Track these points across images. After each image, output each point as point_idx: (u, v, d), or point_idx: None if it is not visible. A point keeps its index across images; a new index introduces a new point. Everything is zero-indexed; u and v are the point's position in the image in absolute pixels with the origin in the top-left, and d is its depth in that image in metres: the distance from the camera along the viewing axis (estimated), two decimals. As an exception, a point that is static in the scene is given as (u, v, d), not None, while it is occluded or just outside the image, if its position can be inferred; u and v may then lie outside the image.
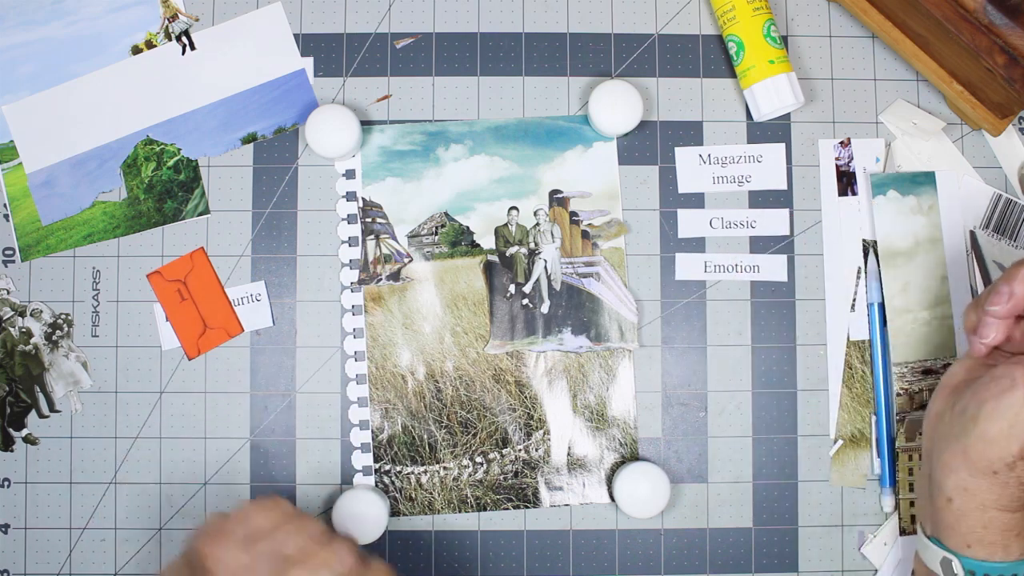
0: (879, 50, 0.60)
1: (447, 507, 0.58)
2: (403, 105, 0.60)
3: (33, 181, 0.59)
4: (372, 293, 0.58)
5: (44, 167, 0.59)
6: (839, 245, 0.59)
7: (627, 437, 0.58)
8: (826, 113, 0.60)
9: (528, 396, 0.58)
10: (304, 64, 0.59)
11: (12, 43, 0.60)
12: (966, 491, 0.45)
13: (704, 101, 0.60)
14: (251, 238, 0.59)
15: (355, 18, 0.60)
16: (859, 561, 0.58)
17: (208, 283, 0.59)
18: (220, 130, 0.59)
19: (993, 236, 0.59)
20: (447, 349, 0.58)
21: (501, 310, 0.59)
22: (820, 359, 0.59)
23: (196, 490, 0.58)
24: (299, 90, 0.59)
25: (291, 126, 0.59)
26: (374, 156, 0.59)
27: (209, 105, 0.59)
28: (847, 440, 0.59)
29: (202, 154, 0.59)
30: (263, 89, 0.59)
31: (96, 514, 0.58)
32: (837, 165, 0.60)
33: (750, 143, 0.60)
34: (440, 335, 0.58)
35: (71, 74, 0.59)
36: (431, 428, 0.58)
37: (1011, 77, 0.51)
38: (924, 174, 0.59)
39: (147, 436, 0.58)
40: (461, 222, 0.59)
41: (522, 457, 0.58)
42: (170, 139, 0.59)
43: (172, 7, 0.60)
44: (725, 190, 0.60)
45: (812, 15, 0.61)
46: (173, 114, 0.59)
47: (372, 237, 0.59)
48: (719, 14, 0.58)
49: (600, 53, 0.60)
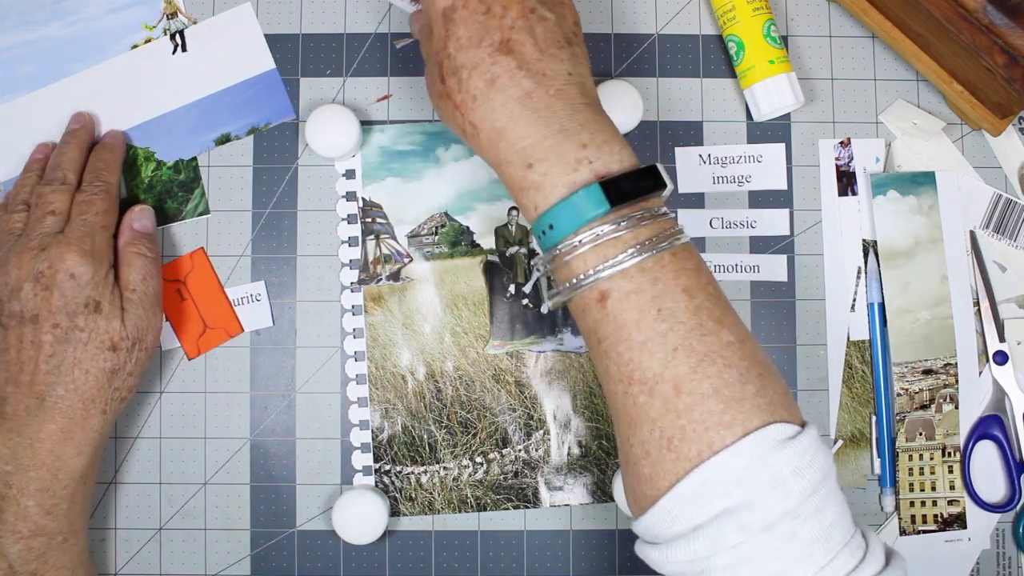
0: (879, 50, 0.60)
1: (447, 507, 0.58)
2: (403, 105, 0.60)
3: (9, 189, 0.59)
4: (372, 293, 0.58)
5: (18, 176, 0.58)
6: (839, 245, 0.59)
7: (627, 437, 0.58)
8: (826, 113, 0.60)
9: (528, 396, 0.58)
10: (275, 64, 0.59)
11: (12, 43, 0.60)
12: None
13: (704, 101, 0.60)
14: (251, 238, 0.59)
15: (355, 18, 0.60)
16: (859, 561, 0.58)
17: (208, 283, 0.59)
18: (194, 132, 0.59)
19: (993, 236, 0.59)
20: (447, 349, 0.58)
21: (501, 310, 0.59)
22: (820, 359, 0.59)
23: (196, 490, 0.58)
24: (271, 90, 0.59)
25: (264, 126, 0.59)
26: (374, 156, 0.59)
27: (182, 108, 0.59)
28: (847, 440, 0.59)
29: (176, 156, 0.59)
30: (235, 90, 0.59)
31: (96, 514, 0.58)
32: (837, 165, 0.60)
33: (750, 143, 0.60)
34: (440, 335, 0.58)
35: (70, 74, 0.59)
36: (431, 428, 0.58)
37: (1011, 77, 0.51)
38: (924, 174, 0.59)
39: (147, 436, 0.58)
40: (461, 222, 0.59)
41: (522, 457, 0.58)
42: (144, 143, 0.59)
43: (173, 4, 0.60)
44: (725, 190, 0.60)
45: (812, 15, 0.60)
46: (146, 118, 0.59)
47: (372, 237, 0.59)
48: (719, 14, 0.58)
49: (600, 53, 0.60)
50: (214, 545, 0.58)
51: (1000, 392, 0.59)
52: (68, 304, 0.50)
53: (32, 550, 0.49)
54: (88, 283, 0.50)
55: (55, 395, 0.49)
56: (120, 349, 0.51)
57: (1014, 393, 0.58)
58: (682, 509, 0.37)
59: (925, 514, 0.58)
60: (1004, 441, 0.58)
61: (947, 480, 0.58)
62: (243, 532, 0.58)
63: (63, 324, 0.49)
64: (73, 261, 0.50)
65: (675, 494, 0.37)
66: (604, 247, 0.39)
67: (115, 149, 0.57)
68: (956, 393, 0.58)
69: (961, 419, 0.58)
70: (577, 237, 0.39)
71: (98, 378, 0.50)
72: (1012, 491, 0.58)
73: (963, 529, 0.58)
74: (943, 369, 0.58)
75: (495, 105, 0.41)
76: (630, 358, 0.39)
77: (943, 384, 0.58)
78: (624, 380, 0.39)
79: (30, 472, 0.49)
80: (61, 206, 0.53)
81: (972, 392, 0.58)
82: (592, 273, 0.39)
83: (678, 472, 0.37)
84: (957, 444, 0.58)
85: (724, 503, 0.37)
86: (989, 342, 0.59)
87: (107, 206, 0.53)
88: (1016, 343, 0.58)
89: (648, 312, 0.38)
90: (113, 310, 0.51)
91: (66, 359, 0.49)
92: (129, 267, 0.53)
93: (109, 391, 0.51)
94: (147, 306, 0.53)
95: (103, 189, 0.54)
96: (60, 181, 0.54)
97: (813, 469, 0.37)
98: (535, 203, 0.40)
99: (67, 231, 0.51)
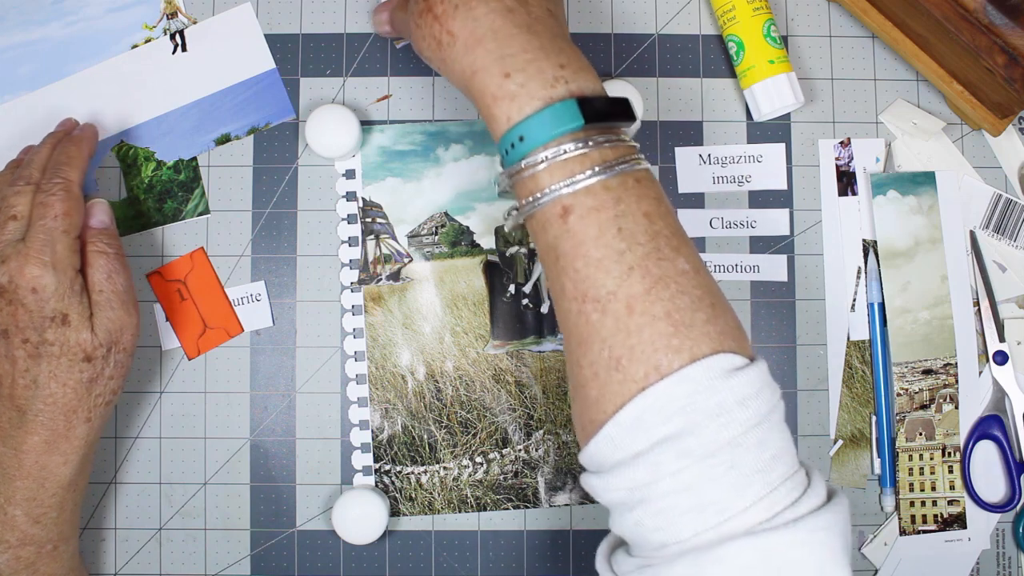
0: (879, 50, 0.60)
1: (447, 507, 0.58)
2: (403, 105, 0.60)
3: None
4: (372, 293, 0.58)
5: None
6: (839, 245, 0.59)
7: (627, 437, 0.58)
8: (826, 113, 0.60)
9: (528, 396, 0.58)
10: (275, 64, 0.59)
11: (12, 43, 0.60)
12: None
13: (704, 101, 0.60)
14: (251, 238, 0.59)
15: (355, 18, 0.60)
16: (859, 561, 0.58)
17: (208, 283, 0.59)
18: (194, 132, 0.59)
19: (993, 236, 0.59)
20: (447, 349, 0.58)
21: (501, 310, 0.59)
22: (820, 359, 0.59)
23: (196, 490, 0.58)
24: (271, 90, 0.59)
25: (264, 126, 0.59)
26: (374, 156, 0.59)
27: (182, 107, 0.59)
28: (847, 440, 0.59)
29: (176, 156, 0.59)
30: (235, 90, 0.59)
31: (96, 514, 0.58)
32: (837, 165, 0.60)
33: (750, 143, 0.60)
34: (440, 335, 0.58)
35: (70, 74, 0.59)
36: (431, 428, 0.58)
37: (1011, 77, 0.51)
38: (924, 174, 0.59)
39: (147, 436, 0.58)
40: (461, 222, 0.59)
41: (522, 457, 0.58)
42: (144, 143, 0.59)
43: (173, 4, 0.60)
44: (725, 190, 0.60)
45: (812, 15, 0.60)
46: (146, 118, 0.59)
47: (372, 237, 0.59)
48: (719, 14, 0.58)
49: (600, 53, 0.60)
50: (214, 545, 0.58)
51: (1000, 392, 0.59)
52: (34, 319, 0.48)
53: (21, 559, 0.49)
54: (52, 296, 0.48)
55: (35, 409, 0.48)
56: (95, 358, 0.49)
57: (1014, 393, 0.58)
58: (624, 436, 0.37)
59: (925, 514, 0.58)
60: (1004, 441, 0.58)
61: (947, 480, 0.58)
62: (243, 532, 0.58)
63: (32, 339, 0.48)
64: (33, 274, 0.48)
65: (618, 421, 0.37)
66: (570, 163, 0.39)
67: (81, 143, 0.54)
68: (956, 393, 0.58)
69: (961, 419, 0.58)
70: (545, 151, 0.39)
71: (76, 389, 0.49)
72: (1012, 491, 0.58)
73: (963, 529, 0.58)
74: (943, 369, 0.58)
75: (477, 15, 0.41)
76: (586, 275, 0.39)
77: (943, 384, 0.58)
78: (578, 298, 0.39)
79: (16, 482, 0.49)
80: (23, 209, 0.50)
81: (972, 392, 0.58)
82: (557, 187, 0.39)
83: (624, 395, 0.37)
84: (957, 444, 0.58)
85: (666, 429, 0.36)
86: (989, 342, 0.59)
87: (66, 207, 0.50)
88: (1016, 343, 0.59)
89: (608, 230, 0.38)
90: (82, 320, 0.49)
91: (41, 373, 0.48)
92: (92, 267, 0.51)
93: (90, 399, 0.50)
94: (117, 305, 0.51)
95: (62, 187, 0.50)
96: (26, 181, 0.51)
97: (759, 401, 0.37)
98: (508, 114, 0.40)
99: (27, 240, 0.49)
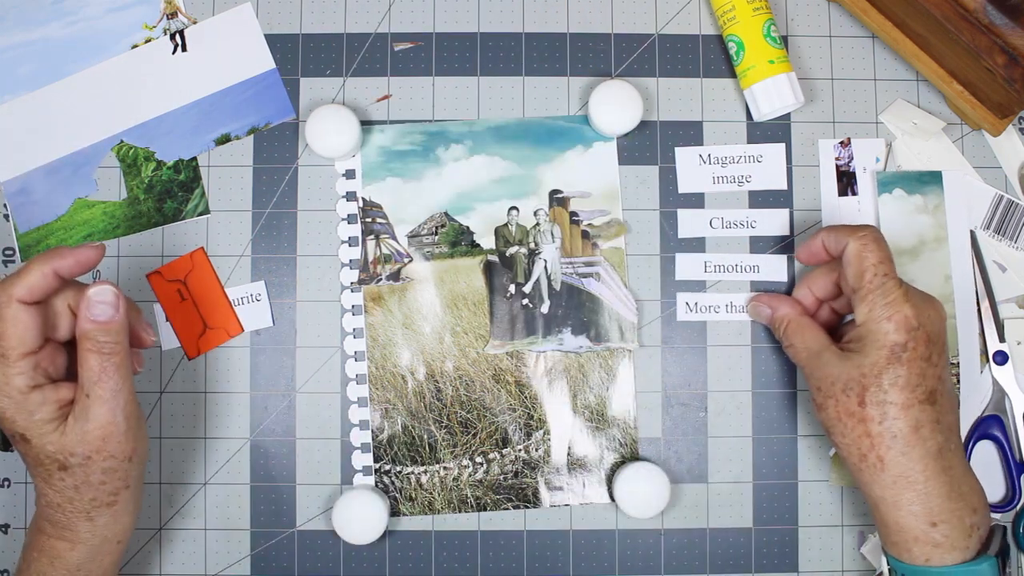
0: (879, 50, 0.60)
1: (447, 507, 0.58)
2: (403, 105, 0.60)
3: (8, 189, 0.59)
4: (372, 293, 0.58)
5: (18, 175, 0.59)
6: (839, 245, 0.59)
7: (627, 437, 0.58)
8: (826, 113, 0.60)
9: (528, 396, 0.58)
10: (275, 64, 0.59)
11: (12, 43, 0.60)
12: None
13: (704, 101, 0.60)
14: (251, 238, 0.59)
15: (355, 18, 0.60)
16: (859, 561, 0.58)
17: (208, 283, 0.59)
18: (194, 132, 0.59)
19: (994, 237, 0.59)
20: (447, 349, 0.58)
21: (501, 310, 0.59)
22: (820, 359, 0.59)
23: (196, 490, 0.58)
24: (271, 90, 0.59)
25: (264, 126, 0.59)
26: (374, 156, 0.59)
27: (182, 107, 0.59)
28: (847, 440, 0.58)
29: (176, 156, 0.59)
30: (235, 90, 0.59)
31: (96, 514, 0.58)
32: (837, 165, 0.60)
33: (750, 143, 0.60)
34: (440, 335, 0.58)
35: (70, 74, 0.59)
36: (431, 428, 0.58)
37: (1011, 77, 0.51)
38: (931, 173, 0.59)
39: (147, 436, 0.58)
40: (461, 222, 0.59)
41: (522, 457, 0.58)
42: (144, 142, 0.59)
43: (173, 4, 0.60)
44: (725, 190, 0.60)
45: (812, 15, 0.60)
46: (147, 117, 0.59)
47: (372, 237, 0.59)
48: (719, 14, 0.58)
49: (600, 53, 0.60)
50: (214, 545, 0.58)
51: (1000, 392, 0.59)
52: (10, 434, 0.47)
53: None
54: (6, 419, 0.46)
55: (40, 504, 0.49)
56: (70, 466, 0.46)
57: (1014, 393, 0.58)
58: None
59: (925, 514, 0.58)
60: (1004, 441, 0.58)
61: (947, 480, 0.58)
62: (243, 532, 0.58)
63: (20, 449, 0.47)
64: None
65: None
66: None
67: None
68: (956, 393, 0.58)
69: (961, 419, 0.58)
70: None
71: (63, 493, 0.47)
72: (1012, 491, 0.58)
73: (963, 529, 0.58)
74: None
75: (913, 455, 0.46)
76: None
77: (943, 384, 0.58)
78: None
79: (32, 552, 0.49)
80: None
81: (972, 392, 0.58)
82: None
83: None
84: (957, 444, 0.58)
85: None
86: (989, 342, 0.58)
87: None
88: (1016, 343, 0.58)
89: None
90: (43, 435, 0.46)
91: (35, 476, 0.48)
92: (82, 367, 0.46)
93: (84, 503, 0.47)
94: (102, 412, 0.46)
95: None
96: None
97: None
98: (927, 555, 0.46)
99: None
